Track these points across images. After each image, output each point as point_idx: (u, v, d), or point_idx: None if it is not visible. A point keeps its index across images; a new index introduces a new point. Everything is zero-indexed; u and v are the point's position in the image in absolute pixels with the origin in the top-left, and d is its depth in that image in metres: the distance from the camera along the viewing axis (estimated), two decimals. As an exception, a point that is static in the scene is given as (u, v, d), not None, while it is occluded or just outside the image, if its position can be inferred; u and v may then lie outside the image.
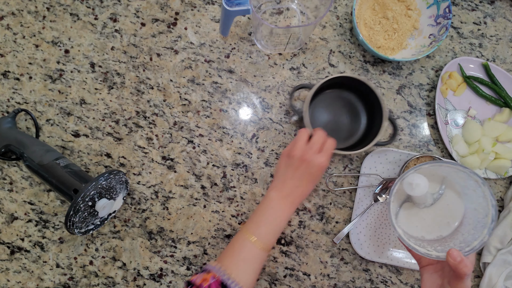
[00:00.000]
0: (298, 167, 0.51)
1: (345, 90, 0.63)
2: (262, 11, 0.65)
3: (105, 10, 0.65)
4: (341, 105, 0.63)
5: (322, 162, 0.51)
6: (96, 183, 0.52)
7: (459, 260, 0.40)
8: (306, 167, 0.51)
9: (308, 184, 0.52)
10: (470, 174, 0.43)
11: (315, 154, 0.51)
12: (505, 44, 0.68)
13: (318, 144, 0.52)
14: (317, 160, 0.51)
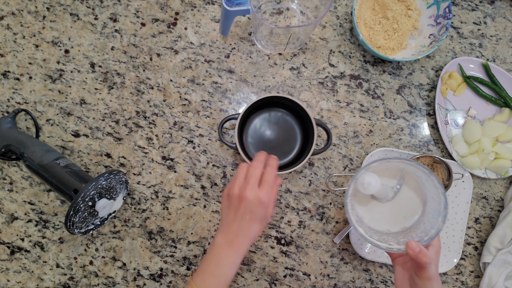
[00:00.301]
0: (238, 207, 0.46)
1: (274, 108, 0.64)
2: (262, 11, 0.65)
3: (105, 10, 0.65)
4: (274, 123, 0.63)
5: (261, 197, 0.45)
6: (96, 183, 0.52)
7: (418, 251, 0.41)
8: (246, 206, 0.46)
9: (253, 225, 0.46)
10: (417, 166, 0.44)
11: (252, 189, 0.46)
12: (505, 44, 0.68)
13: (254, 177, 0.47)
14: (255, 196, 0.45)
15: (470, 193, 0.63)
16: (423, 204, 0.48)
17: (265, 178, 0.47)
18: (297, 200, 0.63)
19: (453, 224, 0.63)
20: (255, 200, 0.45)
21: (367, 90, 0.66)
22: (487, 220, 0.65)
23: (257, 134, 0.63)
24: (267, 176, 0.47)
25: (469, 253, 0.64)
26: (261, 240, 0.62)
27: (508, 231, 0.61)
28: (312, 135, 0.58)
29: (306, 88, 0.65)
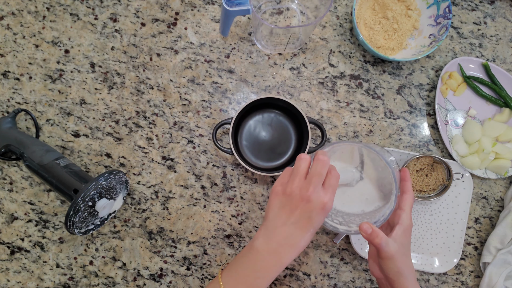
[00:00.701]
0: (295, 209, 0.40)
1: (267, 109, 0.64)
2: (262, 11, 0.65)
3: (105, 10, 0.65)
4: (267, 124, 0.63)
5: (326, 202, 0.39)
6: (96, 183, 0.52)
7: (370, 232, 0.41)
8: (305, 209, 0.40)
9: (305, 233, 0.40)
10: (364, 147, 0.44)
11: (317, 191, 0.39)
12: (505, 44, 0.68)
13: (319, 176, 0.40)
14: (319, 199, 0.39)
15: (470, 193, 0.63)
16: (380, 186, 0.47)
17: (330, 181, 0.40)
18: (297, 200, 0.63)
19: (453, 224, 0.63)
20: (319, 204, 0.39)
21: (367, 90, 0.66)
22: (487, 220, 0.65)
23: (252, 137, 0.63)
24: (332, 179, 0.40)
25: (469, 253, 0.64)
26: (261, 240, 0.62)
27: (508, 231, 0.61)
28: (307, 134, 0.58)
29: (306, 88, 0.65)
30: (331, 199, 0.40)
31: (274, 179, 0.63)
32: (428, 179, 0.62)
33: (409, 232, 0.44)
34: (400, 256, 0.42)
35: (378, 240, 0.41)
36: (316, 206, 0.39)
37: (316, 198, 0.39)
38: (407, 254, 0.44)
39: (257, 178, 0.63)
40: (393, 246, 0.42)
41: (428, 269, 0.62)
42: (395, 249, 0.42)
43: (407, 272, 0.43)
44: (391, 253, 0.41)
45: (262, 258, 0.41)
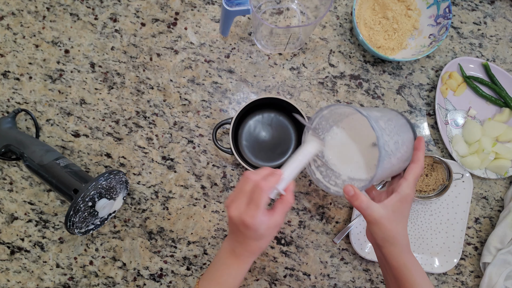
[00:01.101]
0: (230, 222, 0.43)
1: (267, 109, 0.64)
2: (262, 11, 0.65)
3: (105, 10, 0.65)
4: (267, 124, 0.63)
5: (243, 219, 0.40)
6: (96, 183, 0.52)
7: (351, 195, 0.42)
8: (233, 224, 0.42)
9: (247, 241, 0.43)
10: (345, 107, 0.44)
11: (236, 209, 0.41)
12: (505, 44, 0.68)
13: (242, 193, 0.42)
14: (238, 217, 0.41)
15: (470, 193, 0.63)
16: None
17: (253, 196, 0.41)
18: (297, 200, 0.63)
19: (453, 224, 0.63)
20: (239, 221, 0.41)
21: (367, 90, 0.66)
22: (487, 220, 0.65)
23: (252, 137, 0.63)
24: (254, 194, 0.41)
25: (469, 253, 0.64)
26: (261, 240, 0.62)
27: (508, 231, 0.61)
28: None
29: (306, 88, 0.65)
30: (252, 216, 0.40)
31: (274, 179, 0.63)
32: (428, 179, 0.62)
33: (407, 201, 0.43)
34: (388, 223, 0.42)
35: (358, 203, 0.42)
36: (238, 223, 0.41)
37: (236, 216, 0.41)
38: (401, 222, 0.43)
39: (257, 178, 0.63)
40: (378, 212, 0.42)
41: (428, 269, 0.62)
42: (381, 215, 0.42)
43: (396, 240, 0.43)
44: (375, 217, 0.42)
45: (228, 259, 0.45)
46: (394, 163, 0.43)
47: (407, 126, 0.46)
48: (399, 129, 0.44)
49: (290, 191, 0.44)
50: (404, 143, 0.44)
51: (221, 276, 0.45)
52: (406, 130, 0.46)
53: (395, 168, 0.44)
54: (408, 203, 0.44)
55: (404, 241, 0.44)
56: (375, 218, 0.42)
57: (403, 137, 0.44)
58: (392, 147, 0.41)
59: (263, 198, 0.41)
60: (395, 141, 0.42)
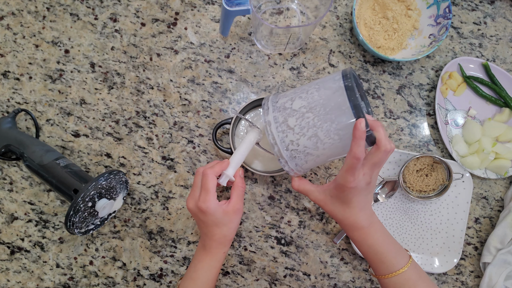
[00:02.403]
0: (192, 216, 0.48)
1: None
2: (262, 11, 0.65)
3: (105, 10, 0.65)
4: None
5: (199, 206, 0.45)
6: (96, 183, 0.52)
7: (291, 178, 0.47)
8: (193, 215, 0.47)
9: (212, 229, 0.47)
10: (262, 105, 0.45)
11: (191, 199, 0.46)
12: (505, 44, 0.68)
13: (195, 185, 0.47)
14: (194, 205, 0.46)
15: (470, 193, 0.63)
16: None
17: (202, 184, 0.46)
18: (297, 200, 0.63)
19: (453, 224, 0.63)
20: (196, 209, 0.45)
21: (367, 90, 0.66)
22: (487, 220, 0.65)
23: None
24: (202, 182, 0.46)
25: (469, 253, 0.64)
26: (261, 240, 0.62)
27: (508, 231, 0.61)
28: None
29: (306, 88, 0.65)
30: (204, 200, 0.45)
31: (274, 179, 0.63)
32: (428, 179, 0.62)
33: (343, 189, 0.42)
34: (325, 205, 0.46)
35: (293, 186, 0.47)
36: (196, 211, 0.46)
37: (192, 205, 0.46)
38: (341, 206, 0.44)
39: (257, 178, 0.63)
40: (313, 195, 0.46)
41: (428, 269, 0.62)
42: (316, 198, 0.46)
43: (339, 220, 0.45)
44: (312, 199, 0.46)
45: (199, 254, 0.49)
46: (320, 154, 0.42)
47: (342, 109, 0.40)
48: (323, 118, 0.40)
49: (239, 176, 0.49)
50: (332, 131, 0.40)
51: (195, 272, 0.48)
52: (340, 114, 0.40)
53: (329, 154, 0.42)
54: (346, 191, 0.41)
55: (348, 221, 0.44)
56: (313, 200, 0.46)
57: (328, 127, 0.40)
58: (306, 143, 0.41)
59: (209, 181, 0.45)
60: (309, 136, 0.41)
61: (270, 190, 0.63)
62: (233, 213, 0.47)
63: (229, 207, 0.47)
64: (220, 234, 0.47)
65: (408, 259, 0.44)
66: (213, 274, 0.48)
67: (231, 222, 0.47)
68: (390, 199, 0.64)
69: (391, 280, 0.44)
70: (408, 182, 0.62)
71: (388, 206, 0.64)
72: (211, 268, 0.48)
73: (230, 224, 0.47)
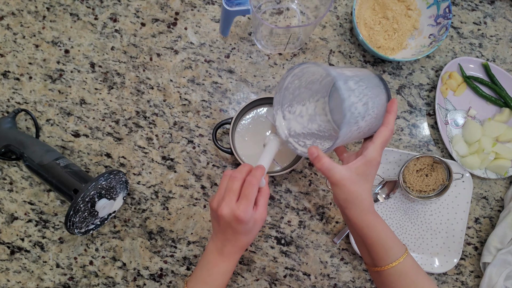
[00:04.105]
0: (219, 221, 0.44)
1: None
2: (262, 11, 0.65)
3: (105, 10, 0.65)
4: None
5: (237, 215, 0.42)
6: (96, 183, 0.52)
7: (315, 156, 0.43)
8: (224, 222, 0.43)
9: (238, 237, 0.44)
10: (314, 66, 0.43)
11: (228, 206, 0.42)
12: (505, 44, 0.68)
13: (231, 191, 0.43)
14: (230, 213, 0.42)
15: (470, 193, 0.63)
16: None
17: (243, 192, 0.43)
18: (297, 200, 0.63)
19: (453, 224, 0.63)
20: (231, 217, 0.42)
21: (367, 90, 0.66)
22: (487, 220, 0.65)
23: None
24: (245, 190, 0.43)
25: (469, 253, 0.64)
26: (261, 240, 0.62)
27: (508, 231, 0.61)
28: None
29: (306, 88, 0.65)
30: (244, 210, 0.42)
31: (274, 179, 0.63)
32: (428, 179, 0.62)
33: (372, 165, 0.44)
34: (350, 184, 0.43)
35: (320, 165, 0.43)
36: (231, 219, 0.42)
37: (228, 213, 0.42)
38: (363, 184, 0.44)
39: (257, 178, 0.63)
40: (339, 173, 0.42)
41: (428, 269, 0.62)
42: (342, 176, 0.42)
43: (358, 201, 0.43)
44: (336, 179, 0.42)
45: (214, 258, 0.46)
46: (362, 126, 0.42)
47: (380, 88, 0.44)
48: (371, 90, 0.43)
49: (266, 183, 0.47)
50: (375, 105, 0.43)
51: (210, 276, 0.46)
52: (380, 92, 0.44)
53: (364, 131, 0.43)
54: (373, 167, 0.44)
55: (366, 202, 0.44)
56: (337, 179, 0.43)
57: (374, 99, 0.42)
58: (360, 109, 0.41)
59: (254, 192, 0.43)
60: (364, 103, 0.41)
61: (270, 190, 0.63)
62: (260, 221, 0.45)
63: (257, 215, 0.44)
64: (244, 242, 0.45)
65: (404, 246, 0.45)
66: (227, 279, 0.47)
67: (256, 230, 0.45)
68: (390, 199, 0.64)
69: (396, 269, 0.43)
70: (408, 182, 0.62)
71: (388, 206, 0.64)
72: (226, 273, 0.46)
73: (254, 231, 0.45)
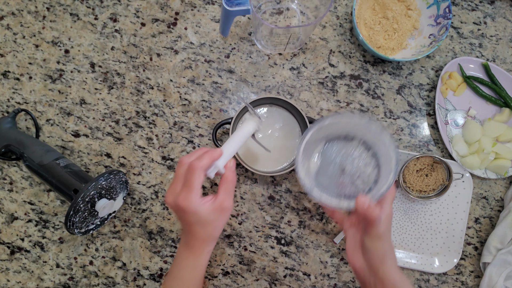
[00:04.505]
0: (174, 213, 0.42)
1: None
2: (262, 11, 0.65)
3: (105, 10, 0.65)
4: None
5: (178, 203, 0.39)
6: (96, 183, 0.52)
7: (367, 205, 0.41)
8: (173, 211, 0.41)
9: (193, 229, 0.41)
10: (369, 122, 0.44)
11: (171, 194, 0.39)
12: (505, 44, 0.68)
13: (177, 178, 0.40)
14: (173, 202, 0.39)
15: (470, 193, 0.63)
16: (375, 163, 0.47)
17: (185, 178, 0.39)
18: (297, 200, 0.63)
19: (453, 224, 0.63)
20: (174, 206, 0.40)
21: (367, 90, 0.66)
22: (487, 220, 0.65)
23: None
24: (186, 175, 0.39)
25: (469, 253, 0.64)
26: (261, 240, 0.62)
27: (508, 231, 0.61)
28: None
29: (306, 88, 0.65)
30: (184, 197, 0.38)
31: (274, 179, 0.63)
32: (428, 179, 0.62)
33: (390, 219, 0.44)
34: (386, 239, 0.43)
35: (376, 213, 0.41)
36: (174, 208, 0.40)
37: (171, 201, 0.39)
38: (390, 240, 0.45)
39: (257, 178, 0.63)
40: (383, 225, 0.42)
41: (428, 269, 0.62)
42: (384, 229, 0.42)
43: (393, 254, 0.44)
44: (382, 231, 0.42)
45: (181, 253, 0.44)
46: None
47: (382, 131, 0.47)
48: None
49: (230, 168, 0.42)
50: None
51: (179, 271, 0.44)
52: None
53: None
54: (390, 222, 0.45)
55: (395, 259, 0.45)
56: (382, 232, 0.42)
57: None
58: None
59: (196, 177, 0.39)
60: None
61: (270, 190, 0.63)
62: (219, 211, 0.41)
63: (216, 204, 0.40)
64: (203, 233, 0.42)
65: None
66: (199, 274, 0.44)
67: (217, 221, 0.42)
68: (390, 199, 0.64)
69: None
70: (408, 182, 0.62)
71: (388, 206, 0.64)
72: (195, 268, 0.44)
73: (215, 222, 0.42)
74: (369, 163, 0.47)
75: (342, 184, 0.48)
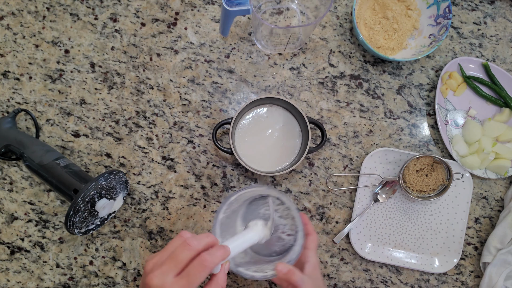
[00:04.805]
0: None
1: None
2: (262, 11, 0.65)
3: (105, 10, 0.65)
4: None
5: None
6: (96, 183, 0.52)
7: (286, 271, 0.41)
8: None
9: None
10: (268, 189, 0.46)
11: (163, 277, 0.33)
12: (505, 44, 0.68)
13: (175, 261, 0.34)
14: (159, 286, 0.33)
15: (470, 193, 0.63)
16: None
17: (189, 269, 0.34)
18: (297, 200, 0.63)
19: (453, 224, 0.63)
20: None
21: (367, 90, 0.66)
22: (487, 220, 0.65)
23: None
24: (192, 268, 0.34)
25: (469, 253, 0.64)
26: (261, 240, 0.62)
27: (508, 231, 0.61)
28: (307, 134, 0.59)
29: (306, 88, 0.65)
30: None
31: (274, 179, 0.63)
32: (428, 179, 0.62)
33: (318, 268, 0.46)
34: None
35: (295, 278, 0.41)
36: None
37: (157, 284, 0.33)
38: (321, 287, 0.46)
39: (257, 178, 0.63)
40: (308, 282, 0.43)
41: (428, 269, 0.62)
42: (310, 285, 0.43)
43: None
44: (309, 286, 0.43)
45: None
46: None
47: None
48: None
49: (224, 271, 0.38)
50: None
51: None
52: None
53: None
54: (319, 269, 0.47)
55: None
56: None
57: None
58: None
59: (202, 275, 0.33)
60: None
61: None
62: None
63: None
64: None
65: None
66: None
67: None
68: (390, 199, 0.64)
69: None
70: (408, 182, 0.62)
71: (388, 206, 0.64)
72: None
73: None
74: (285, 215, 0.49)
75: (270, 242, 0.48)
